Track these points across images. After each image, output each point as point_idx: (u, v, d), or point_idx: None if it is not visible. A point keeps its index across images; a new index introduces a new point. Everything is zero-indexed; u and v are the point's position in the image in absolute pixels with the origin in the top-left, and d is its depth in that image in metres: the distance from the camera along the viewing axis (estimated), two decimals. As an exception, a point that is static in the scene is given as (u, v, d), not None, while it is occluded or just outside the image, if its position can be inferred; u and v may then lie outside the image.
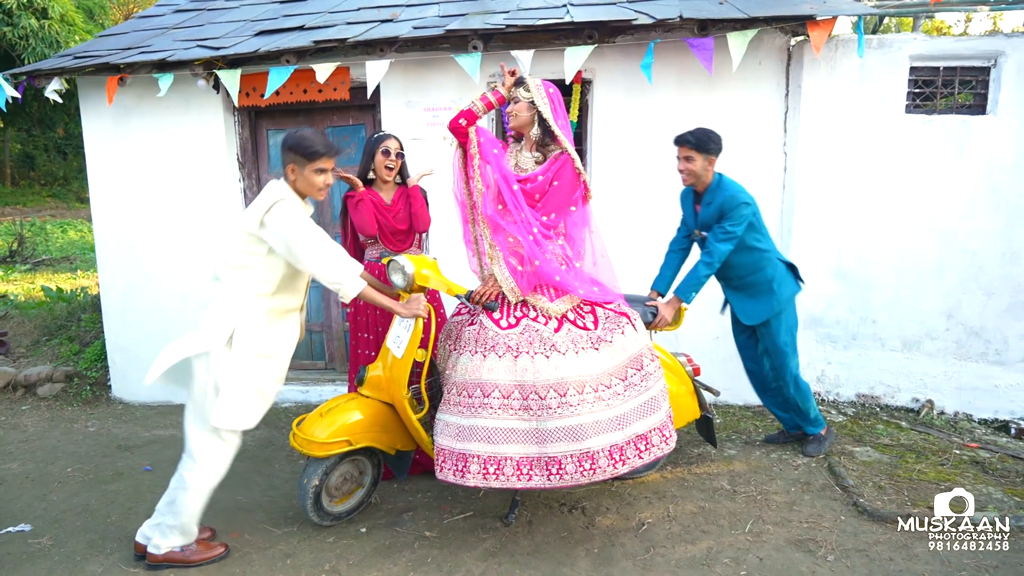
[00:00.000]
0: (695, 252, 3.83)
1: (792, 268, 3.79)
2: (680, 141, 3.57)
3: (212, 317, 2.78)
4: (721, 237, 3.49)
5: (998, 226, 4.36)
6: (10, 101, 4.99)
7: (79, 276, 9.58)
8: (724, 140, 4.49)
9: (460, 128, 3.08)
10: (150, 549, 2.94)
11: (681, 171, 3.61)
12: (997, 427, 4.43)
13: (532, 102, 3.02)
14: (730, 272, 3.70)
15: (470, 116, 3.07)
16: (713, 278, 3.66)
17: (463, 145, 3.15)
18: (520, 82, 3.05)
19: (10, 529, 3.34)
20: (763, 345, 3.87)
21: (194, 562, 2.96)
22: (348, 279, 2.79)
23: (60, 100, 5.05)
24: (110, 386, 5.41)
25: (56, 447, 4.45)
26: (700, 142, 3.51)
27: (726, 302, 3.93)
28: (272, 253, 2.77)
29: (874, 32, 6.56)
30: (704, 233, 3.65)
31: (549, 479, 2.86)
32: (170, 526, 2.91)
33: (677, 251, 3.85)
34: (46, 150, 23.28)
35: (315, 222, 2.82)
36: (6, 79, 4.87)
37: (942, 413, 4.54)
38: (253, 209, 2.77)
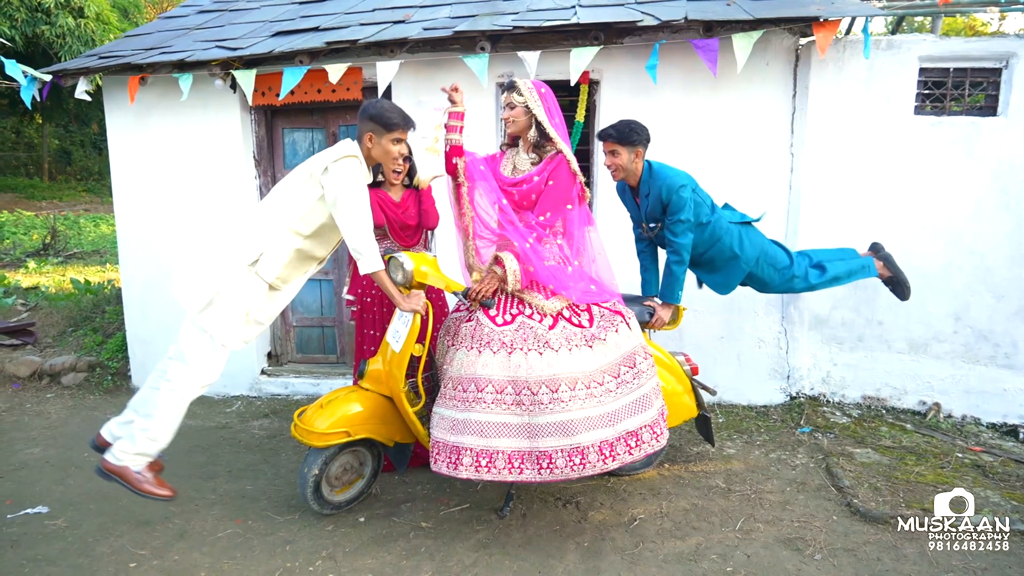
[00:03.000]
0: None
1: (745, 223, 3.72)
2: (602, 136, 3.51)
3: (248, 238, 2.95)
4: (678, 231, 3.46)
5: (1007, 228, 4.32)
6: (36, 98, 5.18)
7: (108, 269, 9.85)
8: (730, 140, 4.53)
9: (455, 166, 3.27)
10: (108, 457, 2.91)
11: (608, 166, 3.55)
12: (1005, 431, 4.38)
13: (527, 106, 3.09)
14: (691, 253, 3.61)
15: (457, 151, 3.24)
16: None
17: (455, 177, 3.32)
18: (512, 86, 3.11)
19: (28, 511, 3.49)
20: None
21: (141, 490, 2.91)
22: (370, 253, 2.92)
23: (89, 98, 5.23)
24: (130, 376, 5.58)
25: (77, 434, 4.62)
26: (622, 135, 3.44)
27: (700, 280, 3.88)
28: (322, 200, 2.95)
29: (893, 33, 6.49)
30: (652, 226, 3.61)
31: (539, 473, 2.92)
32: (142, 429, 2.87)
33: (645, 250, 3.82)
34: (82, 146, 23.90)
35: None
36: (32, 79, 5.07)
37: (949, 416, 4.51)
38: (324, 155, 2.96)
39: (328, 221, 2.99)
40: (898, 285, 3.98)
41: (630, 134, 3.44)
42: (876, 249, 4.01)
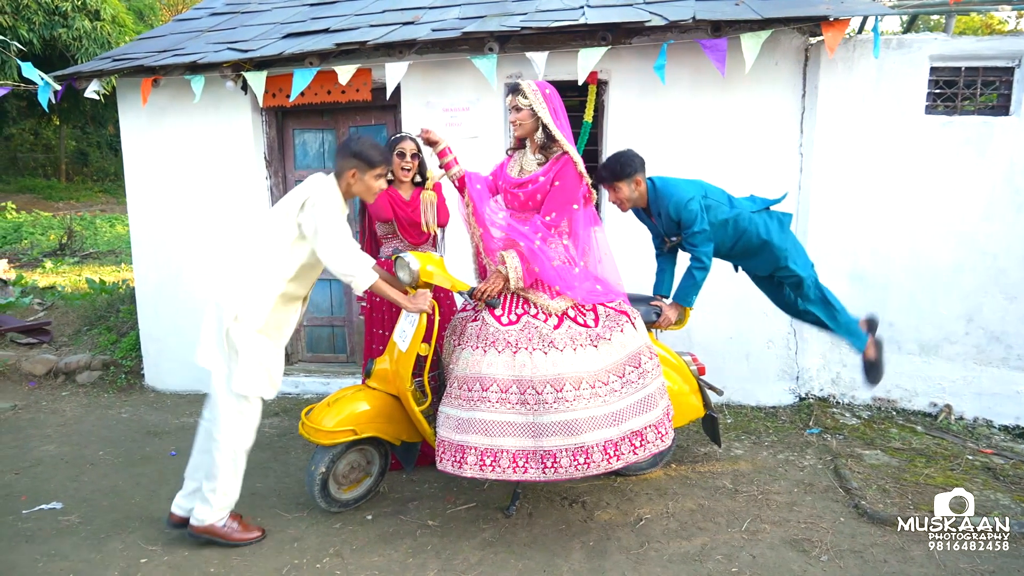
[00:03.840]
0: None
1: (765, 208, 3.69)
2: (599, 180, 3.56)
3: (232, 288, 2.98)
4: (696, 242, 3.45)
5: (1019, 229, 4.28)
6: (52, 101, 5.26)
7: (123, 269, 9.96)
8: (739, 141, 4.52)
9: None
10: (193, 521, 3.07)
11: (613, 202, 3.59)
12: (1018, 433, 4.34)
13: (532, 108, 3.09)
14: (720, 250, 3.63)
15: (464, 181, 3.35)
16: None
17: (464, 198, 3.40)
18: (516, 89, 3.11)
19: (43, 506, 3.55)
20: (787, 284, 3.79)
21: (233, 540, 3.09)
22: (360, 272, 2.94)
23: (98, 97, 5.30)
24: (143, 375, 5.65)
25: (91, 431, 4.68)
26: (615, 172, 3.47)
27: (736, 265, 3.89)
28: (301, 239, 2.97)
29: (906, 32, 6.45)
30: (674, 239, 3.62)
31: (544, 472, 2.92)
32: (211, 491, 3.01)
33: (664, 254, 3.82)
34: (99, 147, 24.17)
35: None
36: (47, 82, 5.14)
37: (960, 418, 4.47)
38: (298, 192, 2.99)
39: (308, 260, 3.01)
40: (872, 369, 3.90)
41: (622, 169, 3.46)
42: (871, 326, 3.95)
